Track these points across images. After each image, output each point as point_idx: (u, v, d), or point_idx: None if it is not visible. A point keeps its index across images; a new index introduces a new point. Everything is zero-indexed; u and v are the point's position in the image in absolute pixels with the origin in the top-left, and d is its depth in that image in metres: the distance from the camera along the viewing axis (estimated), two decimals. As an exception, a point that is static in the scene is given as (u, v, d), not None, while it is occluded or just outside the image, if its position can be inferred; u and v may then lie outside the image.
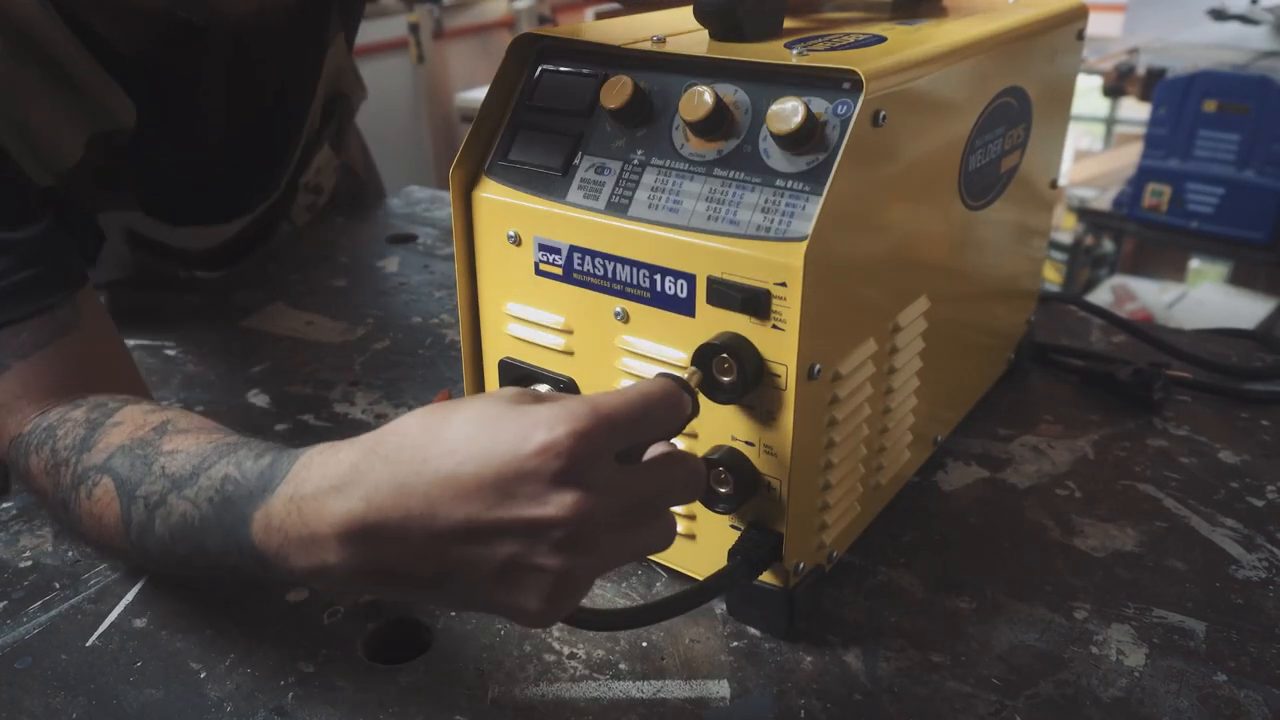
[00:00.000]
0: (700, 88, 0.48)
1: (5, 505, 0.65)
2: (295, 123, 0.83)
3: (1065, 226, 3.08)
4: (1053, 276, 3.00)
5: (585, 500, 0.38)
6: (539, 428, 0.38)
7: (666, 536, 0.42)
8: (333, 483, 0.40)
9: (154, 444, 0.50)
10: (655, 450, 0.44)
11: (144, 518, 0.48)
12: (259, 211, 0.85)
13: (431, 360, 0.84)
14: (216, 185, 0.81)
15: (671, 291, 0.49)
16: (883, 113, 0.46)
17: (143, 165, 0.74)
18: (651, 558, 0.57)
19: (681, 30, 0.54)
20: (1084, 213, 2.90)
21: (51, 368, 0.57)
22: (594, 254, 0.51)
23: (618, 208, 0.50)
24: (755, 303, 0.46)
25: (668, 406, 0.43)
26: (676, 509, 0.53)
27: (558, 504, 0.37)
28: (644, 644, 0.52)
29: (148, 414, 0.54)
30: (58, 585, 0.58)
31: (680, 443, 0.51)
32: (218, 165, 0.79)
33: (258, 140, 0.82)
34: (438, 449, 0.38)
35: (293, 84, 0.82)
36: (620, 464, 0.40)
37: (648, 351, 0.51)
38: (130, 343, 0.86)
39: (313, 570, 0.41)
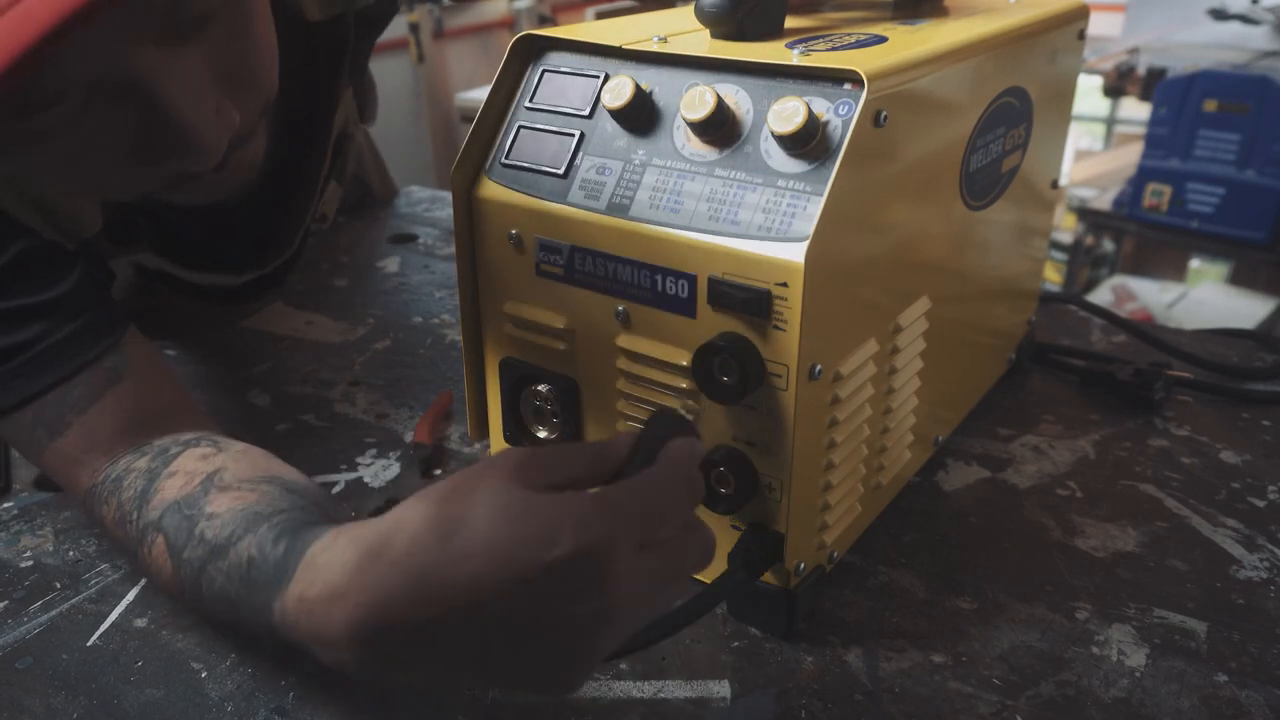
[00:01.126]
0: (702, 88, 0.48)
1: (5, 505, 0.65)
2: (310, 180, 0.84)
3: (1065, 226, 3.08)
4: (1053, 276, 3.00)
5: (614, 597, 0.38)
6: (563, 531, 0.37)
7: (681, 593, 0.46)
8: (335, 590, 0.40)
9: (198, 504, 0.51)
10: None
11: (192, 580, 0.49)
12: (271, 268, 0.85)
13: (431, 360, 0.84)
14: (231, 244, 0.81)
15: (672, 292, 0.49)
16: (884, 113, 0.46)
17: (158, 223, 0.74)
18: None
19: (682, 30, 0.54)
20: (1084, 213, 2.90)
21: (110, 418, 0.57)
22: (595, 254, 0.51)
23: (619, 208, 0.50)
24: (756, 303, 0.46)
25: (681, 487, 0.42)
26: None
27: (588, 606, 0.37)
28: (645, 644, 0.52)
29: (200, 461, 0.54)
30: (58, 585, 0.58)
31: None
32: (233, 226, 0.79)
33: (273, 200, 0.82)
34: (453, 554, 0.37)
35: (307, 147, 0.82)
36: (640, 551, 0.40)
37: (648, 352, 0.51)
38: (131, 343, 0.86)
39: (337, 665, 0.41)
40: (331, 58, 0.76)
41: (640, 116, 0.51)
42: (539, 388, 0.57)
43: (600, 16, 0.96)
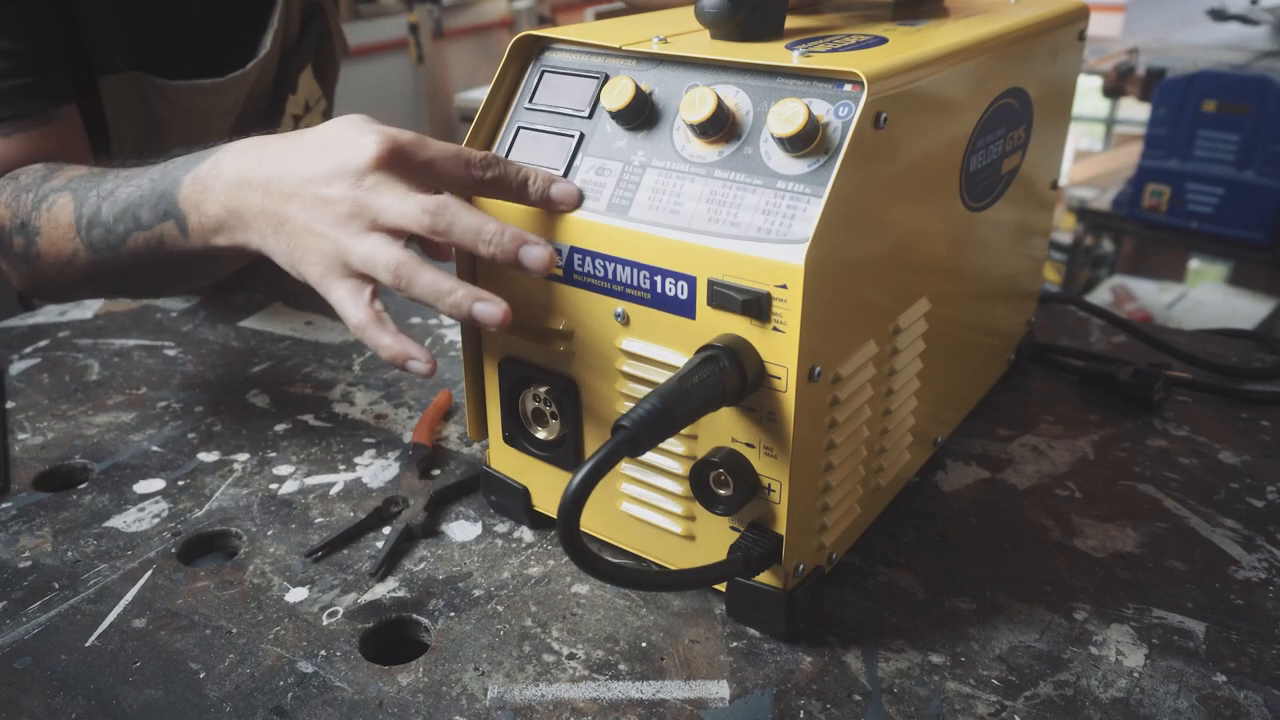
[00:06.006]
0: (702, 89, 0.48)
1: (5, 505, 0.65)
2: None
3: (1065, 226, 3.08)
4: (1053, 277, 3.00)
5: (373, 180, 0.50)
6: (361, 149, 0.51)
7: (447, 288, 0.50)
8: (239, 149, 0.56)
9: (109, 169, 0.65)
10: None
11: (94, 209, 0.63)
12: (249, 70, 0.89)
13: (431, 360, 0.84)
14: (201, 29, 0.88)
15: (672, 293, 0.49)
16: (884, 114, 0.46)
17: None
18: (651, 558, 0.57)
19: (683, 31, 0.54)
20: (1084, 213, 2.90)
21: (19, 148, 0.71)
22: (594, 255, 0.51)
23: (618, 209, 0.50)
24: (756, 305, 0.46)
25: (466, 160, 0.51)
26: (675, 509, 0.53)
27: (354, 159, 0.51)
28: (643, 644, 0.52)
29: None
30: (57, 585, 0.58)
31: (680, 445, 0.52)
32: (201, 8, 0.87)
33: None
34: (297, 151, 0.54)
35: None
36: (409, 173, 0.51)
37: (648, 353, 0.51)
38: (130, 343, 0.86)
39: (217, 215, 0.56)
40: None
41: (640, 117, 0.51)
42: (538, 388, 0.57)
43: (600, 16, 0.96)
